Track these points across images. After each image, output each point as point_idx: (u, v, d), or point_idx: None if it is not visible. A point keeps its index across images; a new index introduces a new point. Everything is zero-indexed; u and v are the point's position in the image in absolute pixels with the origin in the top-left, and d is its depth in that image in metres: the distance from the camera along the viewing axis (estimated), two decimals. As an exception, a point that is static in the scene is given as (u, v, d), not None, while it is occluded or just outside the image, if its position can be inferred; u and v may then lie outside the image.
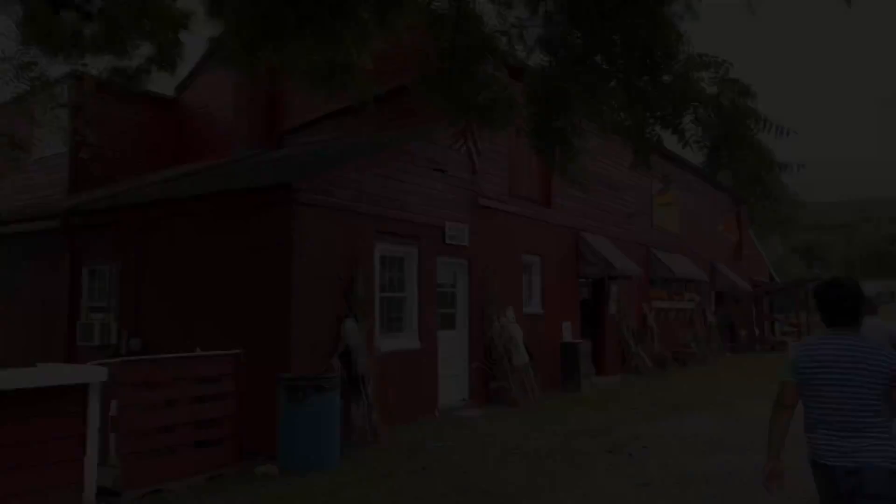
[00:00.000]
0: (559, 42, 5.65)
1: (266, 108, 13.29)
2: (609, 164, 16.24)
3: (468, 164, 10.67)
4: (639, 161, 5.28)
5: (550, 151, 6.12)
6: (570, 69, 5.47)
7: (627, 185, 17.40)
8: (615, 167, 16.50)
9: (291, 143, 13.02)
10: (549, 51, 5.70)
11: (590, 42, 5.31)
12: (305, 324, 8.01)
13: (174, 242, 9.07)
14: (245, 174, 10.20)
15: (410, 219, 9.90)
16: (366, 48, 6.84)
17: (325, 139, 12.50)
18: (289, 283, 7.89)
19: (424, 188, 10.28)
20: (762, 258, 31.47)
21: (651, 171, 6.05)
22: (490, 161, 11.88)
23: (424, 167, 10.30)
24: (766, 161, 4.69)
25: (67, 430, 5.20)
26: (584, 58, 5.36)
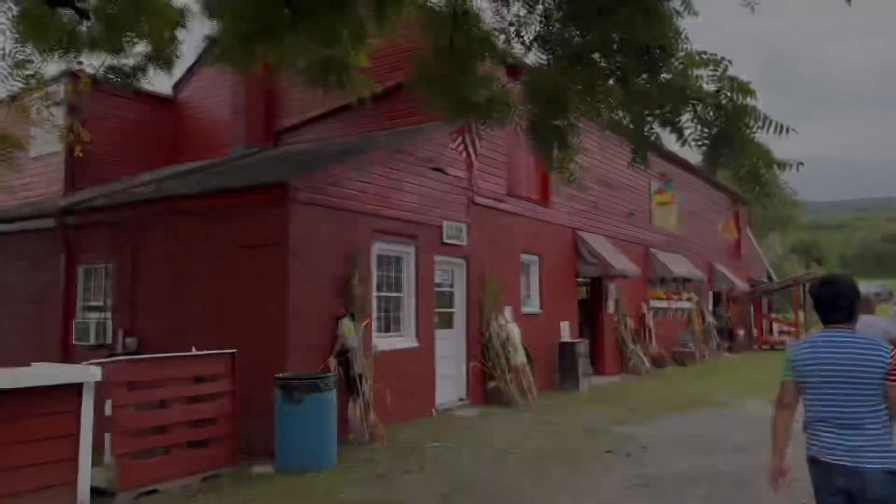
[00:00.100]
0: (557, 40, 5.61)
1: (263, 107, 13.26)
2: (607, 164, 16.24)
3: (466, 163, 10.63)
4: (637, 160, 5.23)
5: (548, 150, 6.08)
6: (568, 67, 5.43)
7: (626, 185, 17.41)
8: (613, 166, 16.51)
9: (288, 142, 12.98)
10: (547, 49, 5.66)
11: (587, 40, 5.27)
12: (302, 323, 7.97)
13: (170, 241, 9.03)
14: (241, 172, 10.15)
15: (408, 218, 9.87)
16: (362, 45, 6.81)
17: (323, 138, 12.46)
18: (285, 282, 7.86)
19: (422, 187, 10.25)
20: (760, 257, 31.50)
21: (649, 170, 6.03)
22: (488, 160, 11.85)
23: (422, 166, 10.27)
24: (766, 159, 4.65)
25: (61, 430, 5.17)
26: (582, 56, 5.32)
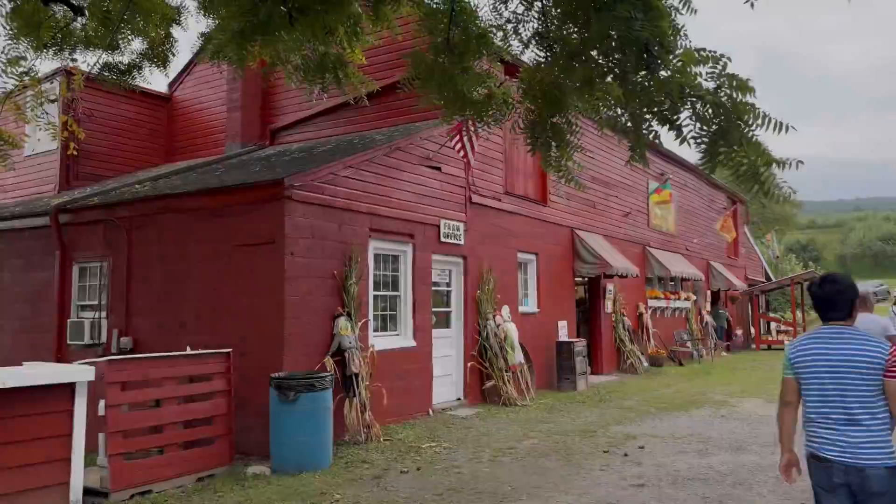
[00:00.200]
0: (555, 37, 5.57)
1: (259, 105, 13.22)
2: (605, 163, 16.22)
3: (463, 162, 10.59)
4: (635, 157, 5.18)
5: (546, 148, 6.04)
6: (566, 64, 5.38)
7: (624, 184, 17.39)
8: (611, 165, 16.49)
9: (285, 140, 12.93)
10: (545, 46, 5.62)
11: (586, 37, 5.22)
12: (298, 322, 7.92)
13: (165, 239, 8.97)
14: (237, 170, 10.09)
15: (405, 216, 9.82)
16: (359, 42, 6.76)
17: (319, 136, 12.42)
18: (281, 281, 7.81)
19: (419, 185, 10.20)
20: (758, 257, 31.51)
21: (647, 169, 5.99)
22: (486, 158, 11.81)
23: (419, 164, 10.23)
24: (765, 157, 4.60)
25: (54, 430, 5.12)
26: (580, 53, 5.27)
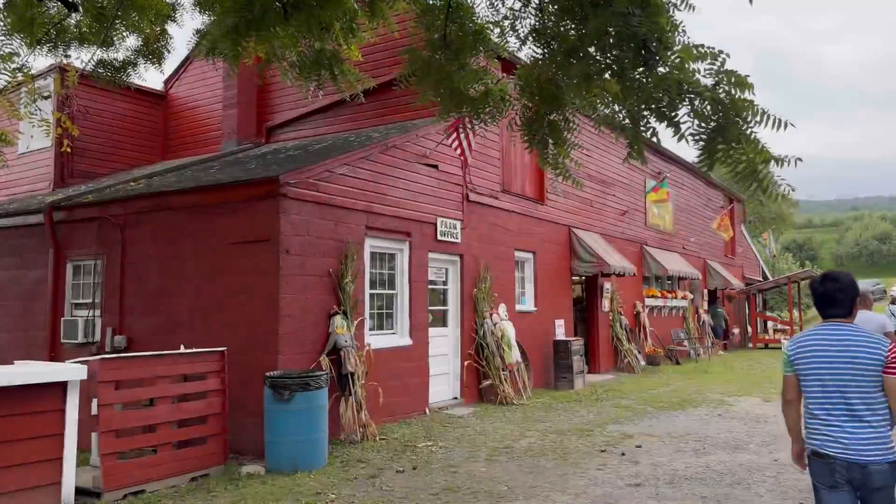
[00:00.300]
0: (552, 33, 5.52)
1: (255, 103, 13.15)
2: (602, 161, 16.19)
3: (460, 159, 10.54)
4: (633, 155, 5.14)
5: (543, 145, 6.00)
6: (563, 61, 5.34)
7: (621, 182, 17.36)
8: (609, 164, 16.46)
9: (281, 138, 12.86)
10: (542, 42, 5.57)
11: (583, 33, 5.18)
12: (293, 320, 7.87)
13: (160, 237, 8.90)
14: (233, 168, 10.03)
15: (401, 214, 9.77)
16: (355, 38, 6.70)
17: (315, 134, 12.36)
18: (276, 279, 7.75)
19: (416, 183, 10.15)
20: (755, 256, 31.54)
21: (645, 166, 5.96)
22: (483, 156, 11.77)
23: (416, 162, 10.18)
24: (763, 155, 4.56)
25: (45, 430, 5.07)
26: (577, 49, 5.23)
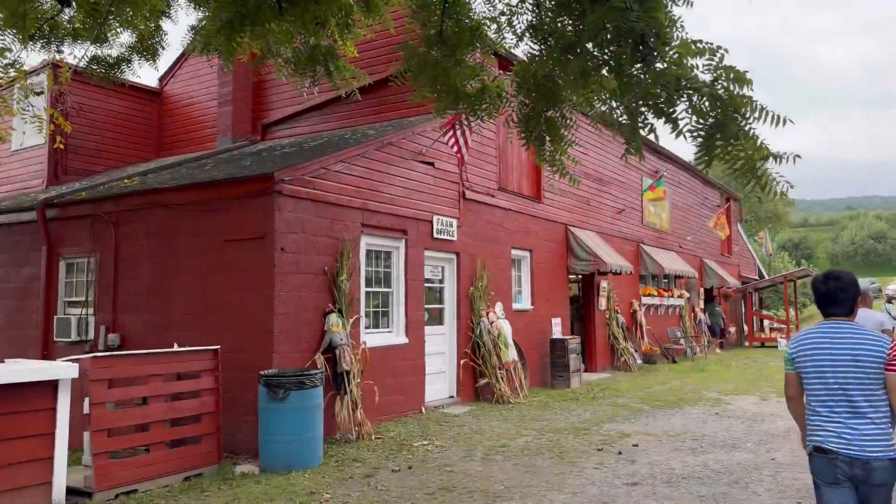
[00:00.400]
0: (549, 29, 5.47)
1: (250, 100, 13.07)
2: (599, 159, 16.15)
3: (457, 157, 10.49)
4: (631, 151, 5.10)
5: (539, 142, 5.95)
6: (560, 57, 5.29)
7: (618, 181, 17.33)
8: (606, 162, 16.43)
9: (276, 135, 12.79)
10: (539, 38, 5.52)
11: (580, 28, 5.13)
12: (288, 318, 7.81)
13: (153, 235, 8.83)
14: (227, 165, 9.96)
15: (397, 212, 9.72)
16: (351, 34, 6.63)
17: (311, 131, 12.29)
18: (271, 277, 7.69)
19: (412, 181, 10.09)
20: (751, 254, 31.56)
21: (641, 165, 5.91)
22: (479, 154, 11.71)
23: (412, 159, 10.12)
24: (761, 151, 4.52)
25: (36, 429, 5.01)
26: (575, 45, 5.18)
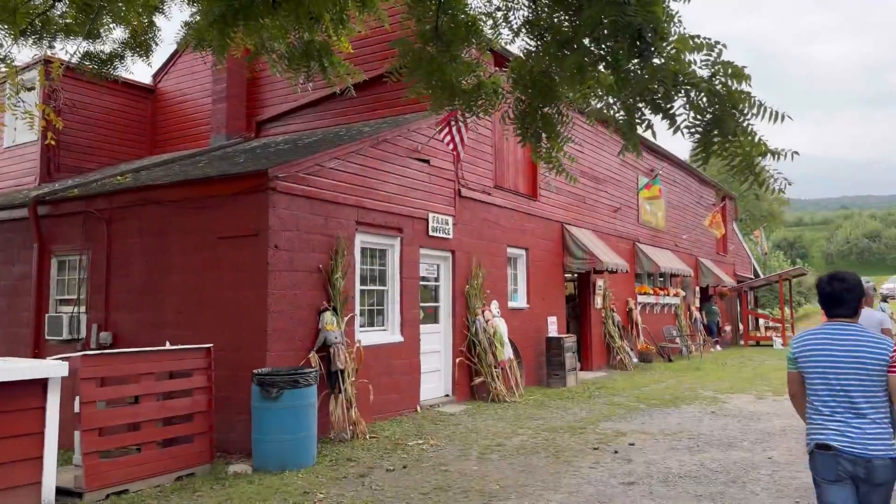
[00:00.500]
0: (545, 25, 5.42)
1: (244, 97, 12.98)
2: (595, 157, 16.12)
3: (452, 155, 10.43)
4: (629, 147, 5.05)
5: (536, 139, 5.90)
6: (557, 53, 5.24)
7: (614, 179, 17.30)
8: (602, 160, 16.40)
9: (270, 132, 12.71)
10: (535, 34, 5.47)
11: (577, 24, 5.08)
12: (282, 316, 7.74)
13: (146, 232, 8.75)
14: (221, 162, 9.88)
15: (393, 209, 9.65)
16: (345, 30, 6.57)
17: (305, 128, 12.22)
18: (265, 274, 7.63)
19: (407, 178, 10.03)
20: (746, 253, 31.60)
21: (637, 163, 5.87)
22: (475, 151, 11.66)
23: (407, 157, 10.06)
24: (759, 147, 4.48)
25: (25, 428, 4.93)
26: (571, 40, 5.13)
